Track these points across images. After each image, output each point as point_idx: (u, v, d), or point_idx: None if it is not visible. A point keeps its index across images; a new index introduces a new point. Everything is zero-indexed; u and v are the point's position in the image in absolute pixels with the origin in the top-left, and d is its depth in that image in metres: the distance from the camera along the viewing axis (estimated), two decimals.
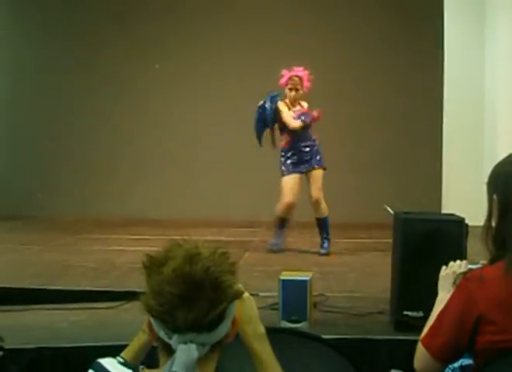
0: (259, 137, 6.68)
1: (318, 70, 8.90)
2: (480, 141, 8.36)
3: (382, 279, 4.40)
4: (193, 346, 1.52)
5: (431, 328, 2.16)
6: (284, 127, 6.57)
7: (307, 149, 6.54)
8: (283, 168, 6.56)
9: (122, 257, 6.11)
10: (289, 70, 6.54)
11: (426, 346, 2.14)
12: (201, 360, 1.54)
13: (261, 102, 6.61)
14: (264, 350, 1.76)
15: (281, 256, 6.37)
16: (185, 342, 1.52)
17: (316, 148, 6.58)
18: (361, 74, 9.17)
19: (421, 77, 9.02)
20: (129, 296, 4.26)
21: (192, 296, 1.52)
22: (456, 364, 2.36)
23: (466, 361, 2.32)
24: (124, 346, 1.99)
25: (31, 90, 9.61)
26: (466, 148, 8.43)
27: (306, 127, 6.53)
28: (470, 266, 2.29)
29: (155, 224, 8.35)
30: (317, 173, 6.52)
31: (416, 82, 9.08)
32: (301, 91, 6.55)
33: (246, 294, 1.75)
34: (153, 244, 6.42)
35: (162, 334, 1.56)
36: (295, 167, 6.54)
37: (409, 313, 3.67)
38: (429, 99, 8.93)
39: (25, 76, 9.61)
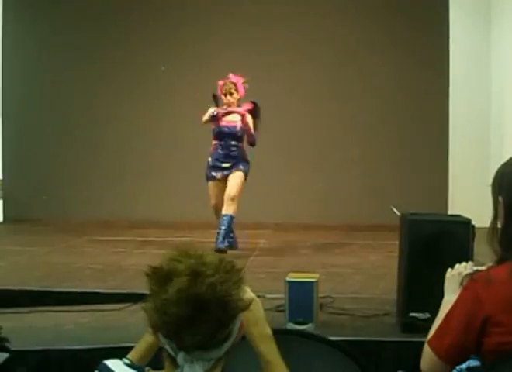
0: None
1: (322, 70, 8.94)
2: (487, 142, 8.33)
3: (389, 280, 4.40)
4: (199, 367, 1.50)
5: (438, 329, 2.15)
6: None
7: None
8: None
9: (128, 259, 6.12)
10: (224, 80, 6.68)
11: (433, 348, 2.13)
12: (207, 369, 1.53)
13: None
14: (270, 351, 1.76)
15: (287, 258, 6.38)
16: (192, 361, 1.50)
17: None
18: (367, 74, 9.14)
19: (427, 78, 8.97)
20: (135, 298, 4.26)
21: (198, 318, 1.48)
22: (463, 366, 2.36)
23: (473, 363, 2.31)
24: (131, 348, 1.98)
25: (36, 92, 9.61)
26: (473, 149, 8.41)
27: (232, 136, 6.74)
28: (476, 268, 2.28)
29: (161, 226, 8.35)
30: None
31: (422, 83, 9.04)
32: (236, 95, 6.66)
33: (253, 296, 1.74)
34: (159, 246, 6.46)
35: (167, 347, 1.54)
36: None
37: (416, 314, 3.66)
38: (435, 100, 8.90)
39: (31, 78, 9.61)
